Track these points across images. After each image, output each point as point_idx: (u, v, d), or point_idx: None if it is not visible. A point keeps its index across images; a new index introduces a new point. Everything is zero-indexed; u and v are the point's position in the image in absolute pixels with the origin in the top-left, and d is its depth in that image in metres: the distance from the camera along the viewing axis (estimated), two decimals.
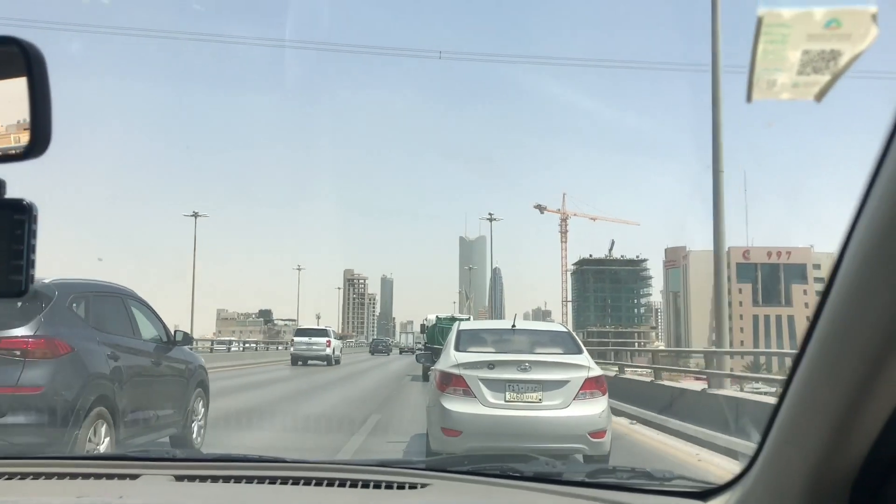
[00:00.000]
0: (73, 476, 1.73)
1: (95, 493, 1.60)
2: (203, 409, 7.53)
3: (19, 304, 4.91)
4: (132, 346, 6.06)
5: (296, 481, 1.74)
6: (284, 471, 1.82)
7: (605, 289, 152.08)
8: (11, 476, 1.69)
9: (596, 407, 6.25)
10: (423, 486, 1.72)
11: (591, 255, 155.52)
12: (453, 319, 22.92)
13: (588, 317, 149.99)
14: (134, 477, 1.74)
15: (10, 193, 1.07)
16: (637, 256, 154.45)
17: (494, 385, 6.19)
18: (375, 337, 69.54)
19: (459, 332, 7.14)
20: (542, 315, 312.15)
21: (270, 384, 18.99)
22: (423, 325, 29.36)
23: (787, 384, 1.03)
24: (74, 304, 5.54)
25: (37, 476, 1.70)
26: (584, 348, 6.98)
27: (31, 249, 1.04)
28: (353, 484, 1.72)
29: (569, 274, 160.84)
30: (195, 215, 49.95)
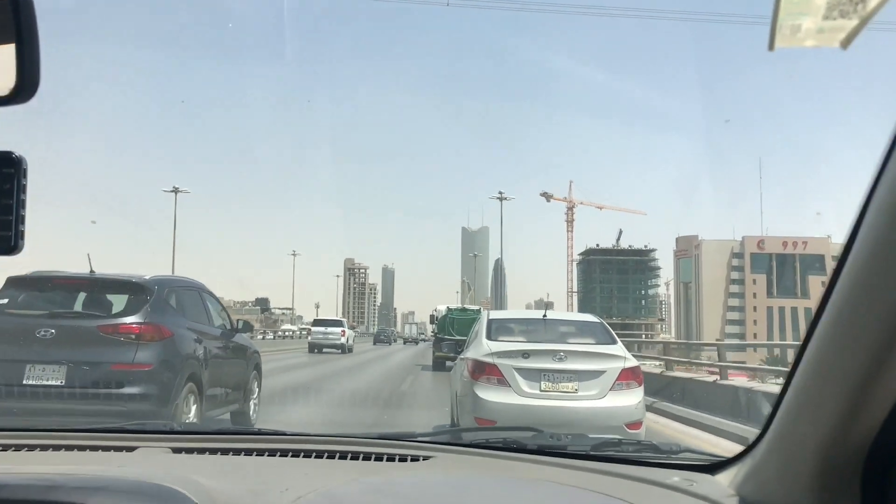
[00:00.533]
0: (70, 448, 1.74)
1: (93, 464, 1.61)
2: (257, 389, 8.33)
3: (128, 297, 6.14)
4: (209, 332, 7.02)
5: (296, 454, 1.74)
6: (284, 443, 1.81)
7: (612, 279, 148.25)
8: (10, 448, 1.71)
9: (632, 398, 6.18)
10: (426, 458, 1.70)
11: (597, 245, 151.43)
12: (464, 310, 23.41)
13: (594, 308, 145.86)
14: (131, 449, 1.75)
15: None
16: (645, 246, 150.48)
17: (529, 374, 6.14)
18: (378, 327, 73.38)
19: (490, 322, 7.04)
20: (543, 307, 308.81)
21: (297, 369, 19.52)
22: (432, 316, 30.14)
23: (798, 357, 1.02)
24: (168, 297, 6.52)
25: (34, 448, 1.72)
26: (617, 339, 6.89)
27: (21, 205, 1.00)
28: (355, 456, 1.71)
29: (574, 264, 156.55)
30: (175, 191, 45.40)
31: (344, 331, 33.00)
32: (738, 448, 1.38)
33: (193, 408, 6.35)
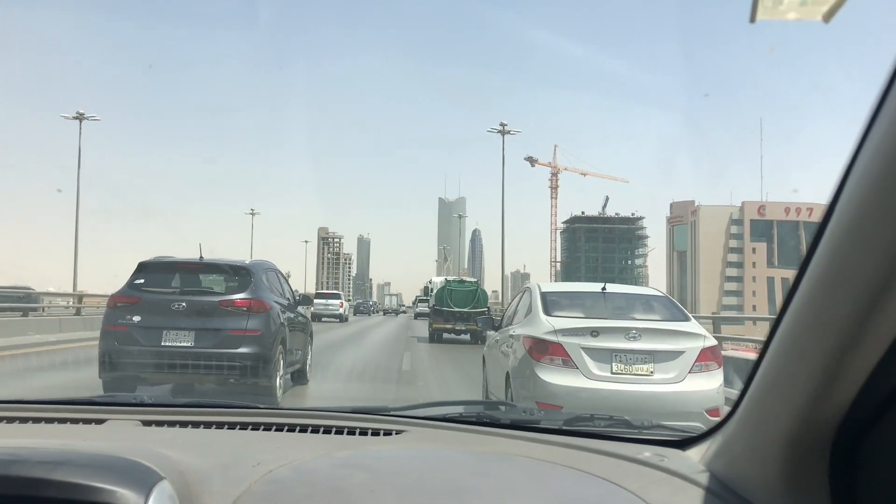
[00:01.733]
0: (38, 420, 1.72)
1: (60, 437, 1.58)
2: (310, 352, 10.13)
3: (236, 278, 7.91)
4: (286, 306, 8.60)
5: (267, 427, 1.73)
6: (255, 417, 1.80)
7: (598, 248, 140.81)
8: None
9: (713, 381, 5.70)
10: (398, 432, 1.70)
11: (583, 213, 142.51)
12: (462, 282, 23.56)
13: (578, 278, 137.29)
14: (100, 422, 1.73)
15: None
16: (632, 214, 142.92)
17: (599, 355, 5.60)
18: (357, 300, 77.63)
19: (544, 295, 6.42)
20: (520, 279, 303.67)
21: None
22: (426, 288, 31.35)
23: (771, 332, 1.03)
24: (263, 277, 8.14)
25: None
26: (690, 315, 6.35)
27: None
28: (327, 430, 1.71)
29: (558, 233, 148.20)
30: (80, 118, 37.69)
31: (342, 302, 37.89)
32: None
33: (281, 364, 7.92)
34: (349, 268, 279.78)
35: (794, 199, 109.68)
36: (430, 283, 29.61)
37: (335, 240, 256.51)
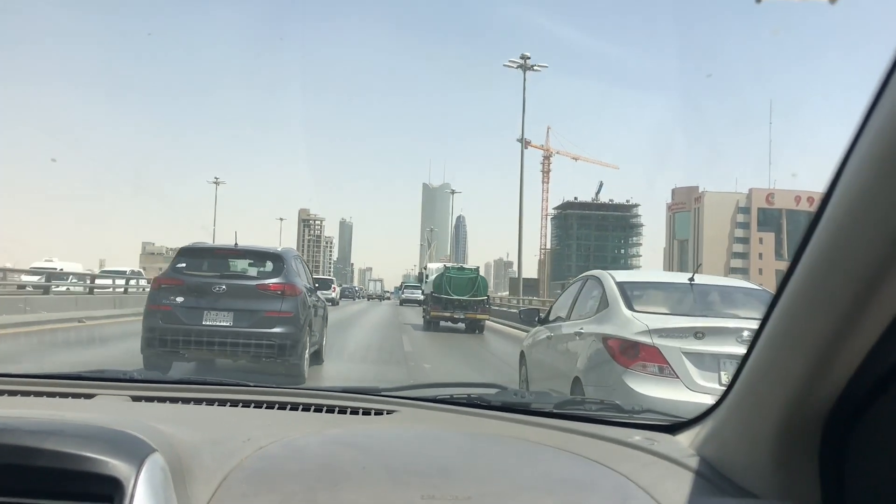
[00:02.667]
0: (26, 394, 1.71)
1: (49, 409, 1.55)
2: (326, 334, 10.88)
3: (270, 264, 8.48)
4: (309, 289, 9.23)
5: (258, 405, 1.73)
6: (246, 394, 1.80)
7: (590, 236, 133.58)
8: None
9: None
10: (390, 412, 1.71)
11: (575, 198, 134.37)
12: (462, 269, 22.76)
13: (569, 266, 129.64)
14: (89, 396, 1.73)
15: None
16: (627, 201, 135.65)
17: (704, 361, 4.55)
18: (342, 285, 71.14)
19: (621, 286, 5.33)
20: (503, 266, 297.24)
21: None
22: (422, 274, 31.14)
23: (765, 318, 1.04)
24: (292, 263, 8.68)
25: None
26: None
27: None
28: (318, 409, 1.71)
29: (549, 219, 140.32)
30: None
31: (335, 287, 40.34)
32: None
33: (307, 345, 8.54)
34: (330, 251, 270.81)
35: (805, 188, 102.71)
36: (426, 269, 29.26)
37: (316, 222, 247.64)
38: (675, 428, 1.51)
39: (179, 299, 7.87)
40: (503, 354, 14.47)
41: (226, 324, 7.80)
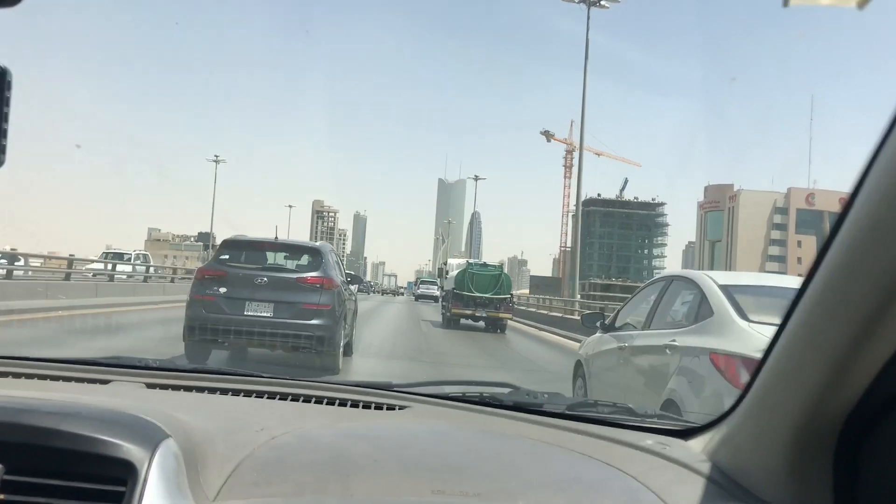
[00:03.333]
0: (42, 378, 1.73)
1: (66, 393, 1.57)
2: (355, 326, 11.09)
3: (309, 257, 8.81)
4: (343, 283, 9.36)
5: (271, 396, 1.73)
6: (260, 385, 1.80)
7: (613, 234, 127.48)
8: None
9: None
10: (402, 408, 1.72)
11: (599, 195, 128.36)
12: (485, 266, 22.09)
13: (590, 266, 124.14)
14: (104, 382, 1.74)
15: None
16: (653, 199, 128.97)
17: None
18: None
19: (727, 289, 4.56)
20: (517, 265, 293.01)
21: None
22: (442, 269, 30.23)
23: (783, 323, 1.03)
24: (329, 256, 8.88)
25: (5, 375, 1.70)
26: None
27: (4, 118, 0.96)
28: (331, 402, 1.72)
29: (570, 216, 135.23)
30: None
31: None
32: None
33: (342, 337, 8.69)
34: (343, 244, 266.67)
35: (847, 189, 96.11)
36: (447, 265, 28.83)
37: (330, 214, 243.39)
38: (687, 433, 1.50)
39: (222, 290, 8.07)
40: (533, 356, 14.65)
41: (266, 315, 7.98)
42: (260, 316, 7.92)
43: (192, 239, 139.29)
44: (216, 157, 67.67)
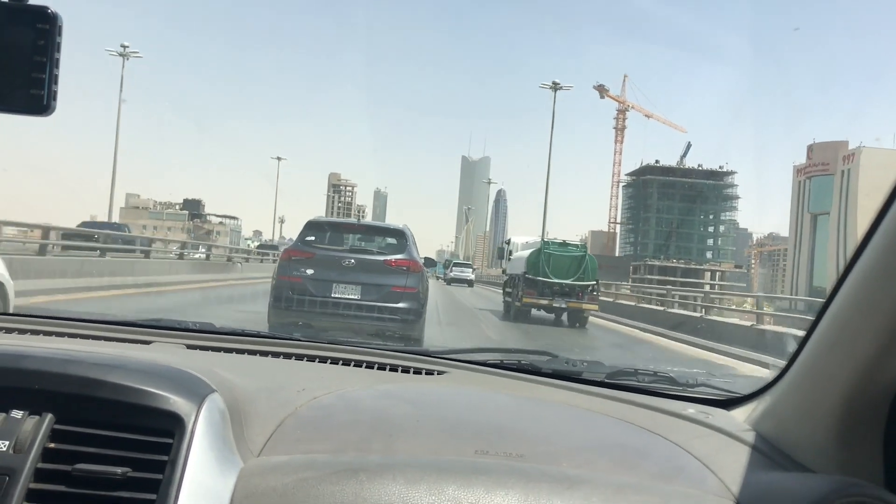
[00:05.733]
0: (84, 337, 1.75)
1: (110, 349, 1.57)
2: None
3: (394, 240, 8.65)
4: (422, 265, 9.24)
5: (311, 359, 1.74)
6: (299, 348, 1.81)
7: (673, 209, 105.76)
8: (26, 332, 1.73)
9: None
10: (440, 373, 1.72)
11: (657, 162, 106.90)
12: (565, 245, 18.64)
13: (645, 245, 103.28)
14: (146, 343, 1.76)
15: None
16: (721, 167, 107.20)
17: None
18: None
19: None
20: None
21: None
22: (501, 250, 25.33)
23: (834, 291, 1.03)
24: (412, 239, 8.82)
25: (49, 334, 1.73)
26: None
27: (55, 63, 0.96)
28: (370, 365, 1.72)
29: (621, 187, 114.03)
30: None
31: None
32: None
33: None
34: (363, 220, 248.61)
35: None
36: (509, 243, 23.81)
37: (348, 189, 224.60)
38: (729, 403, 1.51)
39: (309, 271, 8.00)
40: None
41: (353, 297, 7.94)
42: (347, 298, 7.91)
43: (177, 207, 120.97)
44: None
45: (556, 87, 41.60)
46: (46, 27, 0.94)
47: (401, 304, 7.91)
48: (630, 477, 1.10)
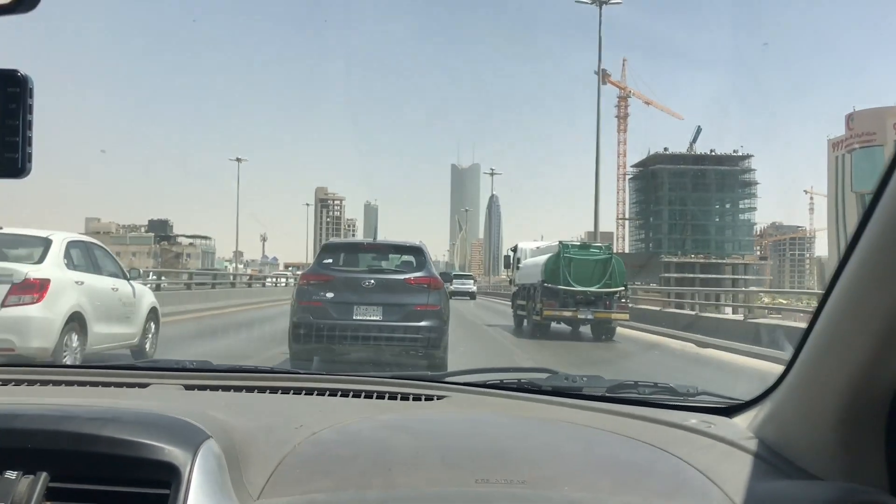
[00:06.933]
0: (82, 384, 1.73)
1: (106, 398, 1.57)
2: None
3: (412, 257, 8.51)
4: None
5: (309, 392, 1.72)
6: (298, 382, 1.80)
7: (686, 199, 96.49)
8: (22, 382, 1.70)
9: None
10: (440, 398, 1.70)
11: (666, 149, 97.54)
12: (586, 248, 16.75)
13: (659, 241, 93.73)
14: (143, 385, 1.74)
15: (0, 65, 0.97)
16: (736, 151, 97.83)
17: None
18: None
19: None
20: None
21: None
22: (508, 258, 22.77)
23: (827, 291, 1.00)
24: (429, 255, 8.80)
25: (46, 383, 1.71)
26: None
27: (28, 125, 0.95)
28: (369, 395, 1.71)
29: (626, 180, 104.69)
30: None
31: None
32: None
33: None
34: (353, 235, 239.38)
35: None
36: (517, 250, 21.66)
37: (335, 202, 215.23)
38: (732, 410, 1.49)
39: (329, 295, 7.89)
40: None
41: (375, 318, 7.86)
42: (369, 320, 7.83)
43: (143, 230, 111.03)
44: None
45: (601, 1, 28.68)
46: (17, 90, 0.94)
47: (424, 323, 7.88)
48: (633, 496, 1.09)
